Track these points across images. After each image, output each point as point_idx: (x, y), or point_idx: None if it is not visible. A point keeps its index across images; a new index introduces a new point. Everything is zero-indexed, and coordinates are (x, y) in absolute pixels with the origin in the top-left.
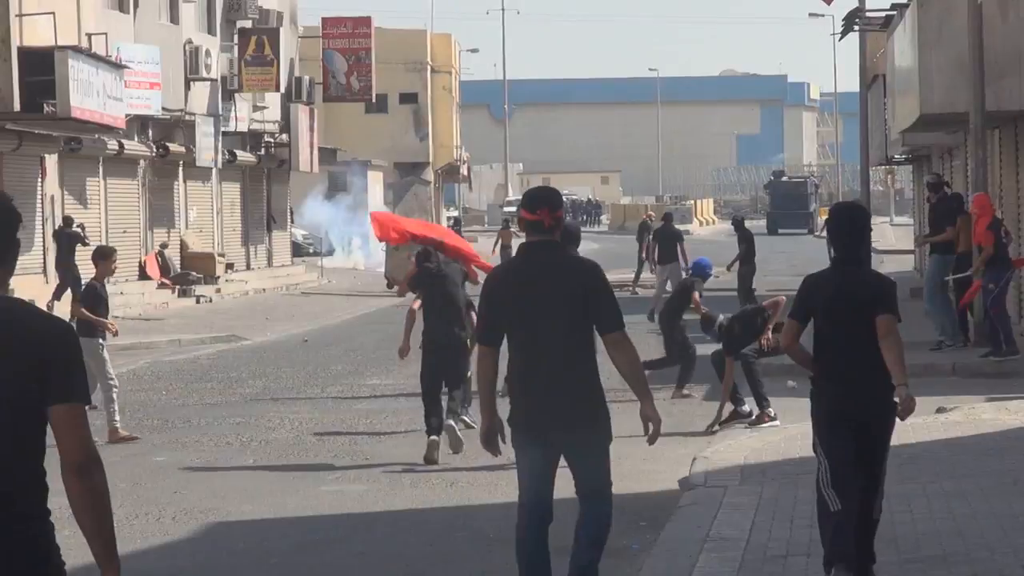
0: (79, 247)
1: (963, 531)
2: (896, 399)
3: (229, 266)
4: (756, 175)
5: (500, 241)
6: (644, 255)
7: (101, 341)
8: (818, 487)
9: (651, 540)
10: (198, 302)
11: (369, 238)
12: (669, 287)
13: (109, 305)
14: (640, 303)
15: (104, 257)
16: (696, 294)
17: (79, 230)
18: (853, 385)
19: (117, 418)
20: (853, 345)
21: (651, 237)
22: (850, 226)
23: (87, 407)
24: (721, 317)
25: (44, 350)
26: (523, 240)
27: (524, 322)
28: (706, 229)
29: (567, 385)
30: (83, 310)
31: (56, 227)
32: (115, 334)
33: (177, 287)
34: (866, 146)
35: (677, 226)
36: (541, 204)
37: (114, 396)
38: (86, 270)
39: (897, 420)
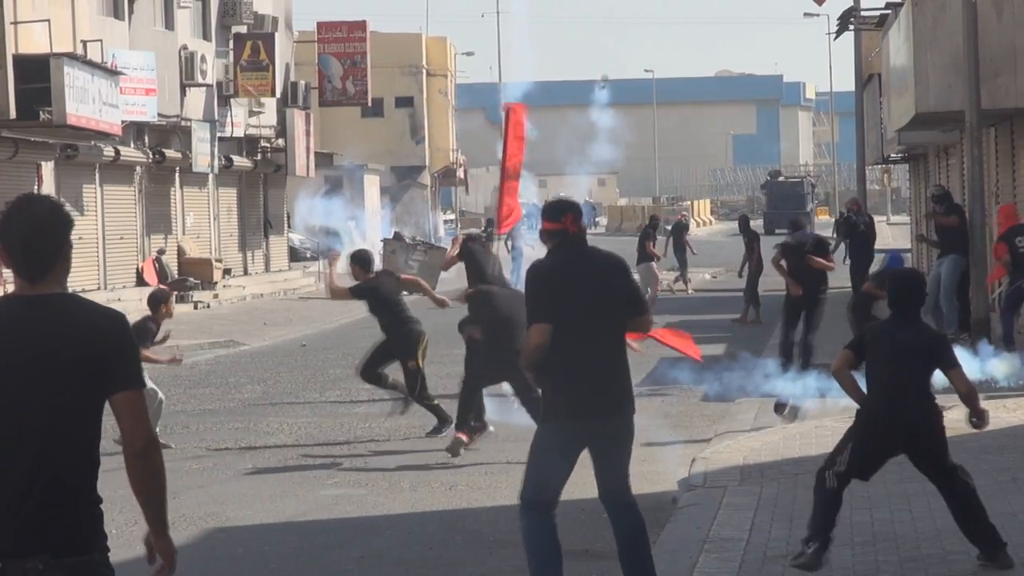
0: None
1: None
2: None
3: (226, 271)
4: (753, 175)
5: (511, 242)
6: (691, 252)
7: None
8: (824, 471)
9: (651, 541)
10: (196, 308)
11: (367, 235)
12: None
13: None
14: (680, 304)
15: (163, 301)
16: (870, 284)
17: None
18: (907, 421)
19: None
20: (908, 387)
21: (645, 237)
22: (911, 296)
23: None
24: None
25: (104, 342)
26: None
27: (569, 311)
28: (703, 230)
29: (609, 374)
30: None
31: None
32: (179, 361)
33: (175, 293)
34: (862, 145)
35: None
36: (565, 211)
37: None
38: (78, 277)
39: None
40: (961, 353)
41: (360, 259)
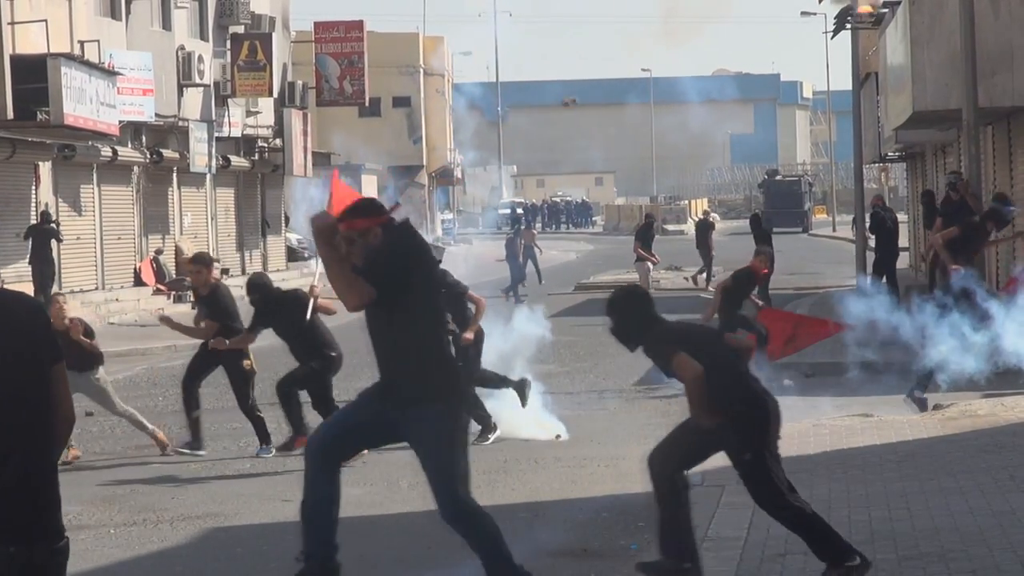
0: (54, 242)
1: (961, 528)
2: None
3: (224, 271)
4: (750, 174)
5: (523, 241)
6: (711, 251)
7: (96, 376)
8: (780, 504)
9: (650, 540)
10: (193, 308)
11: None
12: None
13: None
14: (679, 302)
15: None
16: None
17: (53, 226)
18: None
19: (152, 428)
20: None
21: (634, 237)
22: (644, 303)
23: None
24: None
25: (46, 326)
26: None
27: None
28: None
29: None
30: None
31: (32, 224)
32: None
33: (172, 293)
34: (859, 144)
35: (670, 226)
36: (377, 209)
37: (140, 419)
38: (76, 277)
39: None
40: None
41: (203, 260)
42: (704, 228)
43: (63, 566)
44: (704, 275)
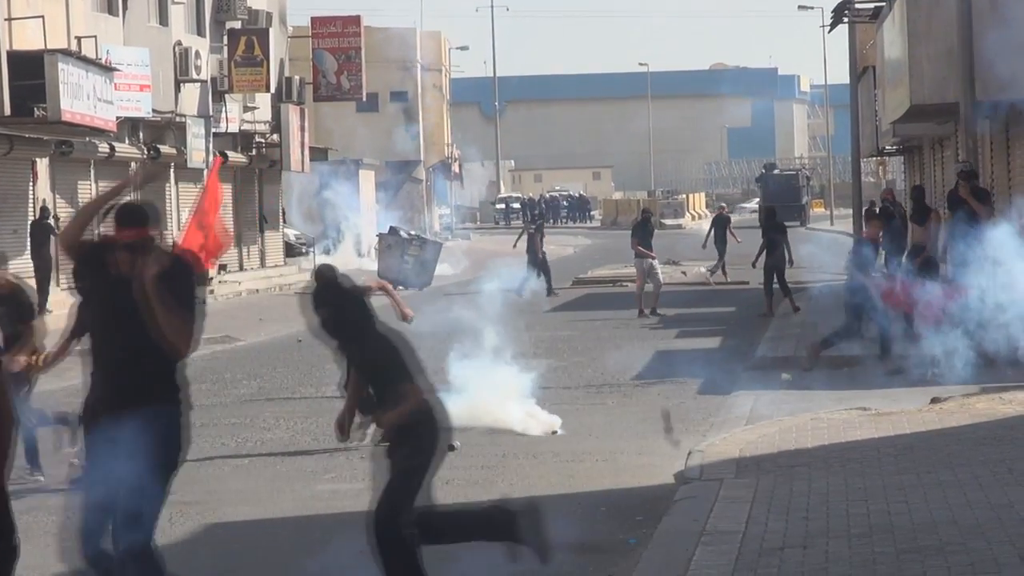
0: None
1: (959, 521)
2: None
3: (222, 267)
4: (748, 168)
5: (541, 237)
6: (736, 240)
7: None
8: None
9: (648, 534)
10: None
11: (362, 223)
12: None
13: None
14: (676, 297)
15: None
16: None
17: (51, 222)
18: None
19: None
20: None
21: (631, 233)
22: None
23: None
24: None
25: None
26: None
27: None
28: (700, 223)
29: None
30: None
31: (33, 220)
32: None
33: None
34: (857, 138)
35: (668, 220)
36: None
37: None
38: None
39: None
40: None
41: None
42: (721, 223)
43: (14, 561)
44: (708, 269)
